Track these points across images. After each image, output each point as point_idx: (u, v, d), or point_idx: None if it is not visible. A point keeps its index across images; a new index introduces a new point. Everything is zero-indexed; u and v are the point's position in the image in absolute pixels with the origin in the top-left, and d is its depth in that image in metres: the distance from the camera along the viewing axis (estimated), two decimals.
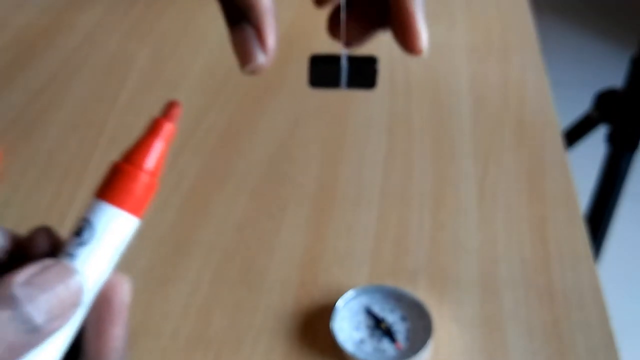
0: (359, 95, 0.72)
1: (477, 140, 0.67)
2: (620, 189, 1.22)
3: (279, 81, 0.72)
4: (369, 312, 0.50)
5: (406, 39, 0.30)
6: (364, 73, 0.31)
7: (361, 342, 0.48)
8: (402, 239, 0.57)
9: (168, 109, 0.28)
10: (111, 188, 0.27)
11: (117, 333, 0.27)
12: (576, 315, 0.51)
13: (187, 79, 0.75)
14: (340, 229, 0.58)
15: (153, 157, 0.28)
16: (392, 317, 0.49)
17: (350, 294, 0.50)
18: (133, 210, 0.27)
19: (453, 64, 0.77)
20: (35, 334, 0.24)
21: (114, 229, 0.26)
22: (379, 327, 0.49)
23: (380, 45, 0.37)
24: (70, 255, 0.26)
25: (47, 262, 0.25)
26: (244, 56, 0.29)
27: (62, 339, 0.26)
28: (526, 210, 0.59)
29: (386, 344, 0.48)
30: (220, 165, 0.64)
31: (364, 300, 0.51)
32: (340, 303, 0.50)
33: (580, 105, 1.42)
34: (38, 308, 0.23)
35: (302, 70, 0.31)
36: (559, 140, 0.67)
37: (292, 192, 0.60)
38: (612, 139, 1.22)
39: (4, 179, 0.63)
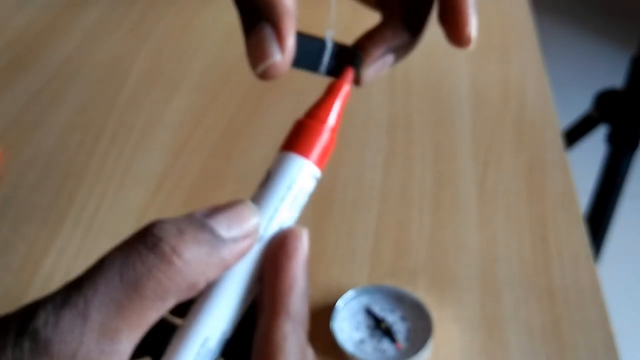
0: (359, 95, 0.72)
1: (477, 140, 0.67)
2: (620, 189, 1.22)
3: (279, 81, 0.72)
4: (369, 312, 0.50)
5: (454, 27, 0.29)
6: (345, 63, 0.30)
7: (361, 342, 0.48)
8: (402, 239, 0.57)
9: (344, 74, 0.30)
10: (294, 140, 0.29)
11: (293, 270, 0.26)
12: (576, 315, 0.51)
13: (187, 78, 0.75)
14: (340, 229, 0.58)
15: (334, 115, 0.30)
16: (392, 317, 0.49)
17: (350, 294, 0.50)
18: (315, 160, 0.29)
19: (453, 64, 0.77)
20: (223, 247, 0.24)
21: (290, 174, 0.28)
22: (379, 327, 0.49)
23: None
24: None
25: None
26: (259, 55, 0.28)
27: (243, 269, 0.26)
28: (526, 210, 0.59)
29: (386, 344, 0.48)
30: (220, 165, 0.64)
31: (364, 300, 0.51)
32: (340, 303, 0.50)
33: (580, 105, 1.42)
34: (218, 222, 0.25)
35: (302, 71, 0.31)
36: (559, 140, 0.67)
37: None
38: (612, 139, 1.22)
39: (4, 179, 0.63)
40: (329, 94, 0.30)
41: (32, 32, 0.83)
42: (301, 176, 0.28)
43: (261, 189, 0.28)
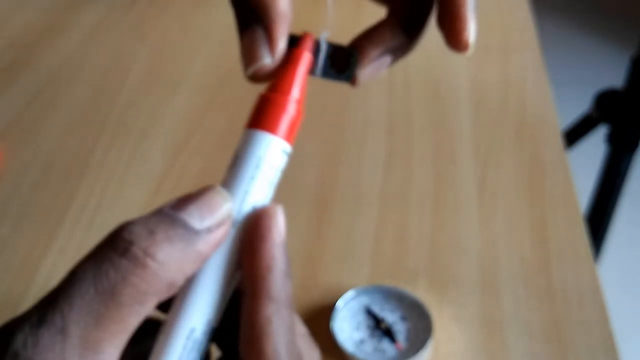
0: (359, 96, 0.72)
1: (477, 140, 0.67)
2: (620, 189, 1.22)
3: None
4: (369, 312, 0.50)
5: (451, 31, 0.28)
6: (341, 63, 0.30)
7: (361, 342, 0.48)
8: (402, 239, 0.57)
9: (303, 41, 0.29)
10: (259, 116, 0.28)
11: (269, 250, 0.25)
12: (576, 315, 0.51)
13: (187, 79, 0.75)
14: (340, 229, 0.58)
15: (297, 85, 0.28)
16: (392, 317, 0.49)
17: (350, 294, 0.50)
18: (282, 135, 0.28)
19: (453, 64, 0.77)
20: (198, 240, 0.24)
21: (257, 151, 0.27)
22: (379, 327, 0.49)
23: None
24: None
25: None
26: (249, 57, 0.28)
27: (221, 256, 0.26)
28: (526, 210, 0.59)
29: (386, 344, 0.48)
30: (220, 165, 0.64)
31: (364, 300, 0.51)
32: (340, 303, 0.50)
33: (580, 105, 1.42)
34: (190, 214, 0.24)
35: None
36: (559, 140, 0.67)
37: (292, 192, 0.60)
38: (612, 139, 1.22)
39: (4, 179, 0.63)
40: (290, 63, 0.29)
41: (32, 32, 0.83)
42: (269, 153, 0.27)
43: (230, 171, 0.27)
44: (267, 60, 0.28)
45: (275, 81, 0.28)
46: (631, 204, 1.60)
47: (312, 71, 0.30)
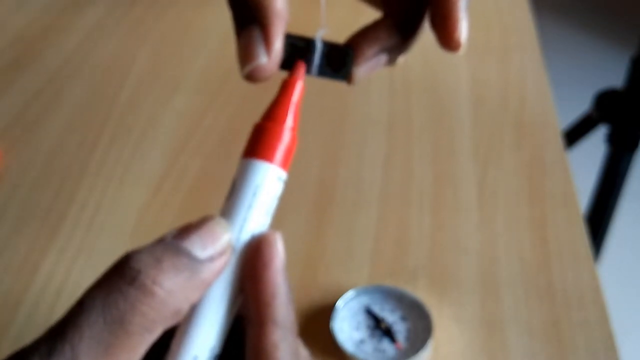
0: (359, 95, 0.72)
1: (477, 140, 0.67)
2: (620, 189, 1.22)
3: (278, 81, 0.72)
4: (369, 312, 0.50)
5: (443, 31, 0.28)
6: (337, 62, 0.30)
7: (361, 342, 0.48)
8: (402, 239, 0.57)
9: (295, 69, 0.30)
10: (255, 145, 0.28)
11: (272, 278, 0.26)
12: (576, 315, 0.51)
13: (187, 79, 0.75)
14: (340, 229, 0.58)
15: (291, 113, 0.29)
16: (392, 317, 0.49)
17: (350, 294, 0.50)
18: (278, 162, 0.28)
19: (453, 64, 0.77)
20: (201, 269, 0.24)
21: (254, 180, 0.28)
22: (379, 327, 0.49)
23: None
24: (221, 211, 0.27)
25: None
26: (245, 56, 0.28)
27: (222, 283, 0.26)
28: (526, 210, 0.59)
29: (386, 344, 0.48)
30: (220, 165, 0.64)
31: (364, 300, 0.51)
32: (340, 303, 0.50)
33: (580, 105, 1.42)
34: (193, 243, 0.25)
35: None
36: (559, 140, 0.67)
37: (292, 192, 0.60)
38: (612, 139, 1.22)
39: (4, 179, 0.63)
40: (283, 92, 0.29)
41: (32, 32, 0.83)
42: (266, 181, 0.28)
43: (228, 200, 0.27)
44: (263, 60, 0.28)
45: (269, 110, 0.29)
46: (631, 204, 1.60)
47: (307, 70, 0.30)
